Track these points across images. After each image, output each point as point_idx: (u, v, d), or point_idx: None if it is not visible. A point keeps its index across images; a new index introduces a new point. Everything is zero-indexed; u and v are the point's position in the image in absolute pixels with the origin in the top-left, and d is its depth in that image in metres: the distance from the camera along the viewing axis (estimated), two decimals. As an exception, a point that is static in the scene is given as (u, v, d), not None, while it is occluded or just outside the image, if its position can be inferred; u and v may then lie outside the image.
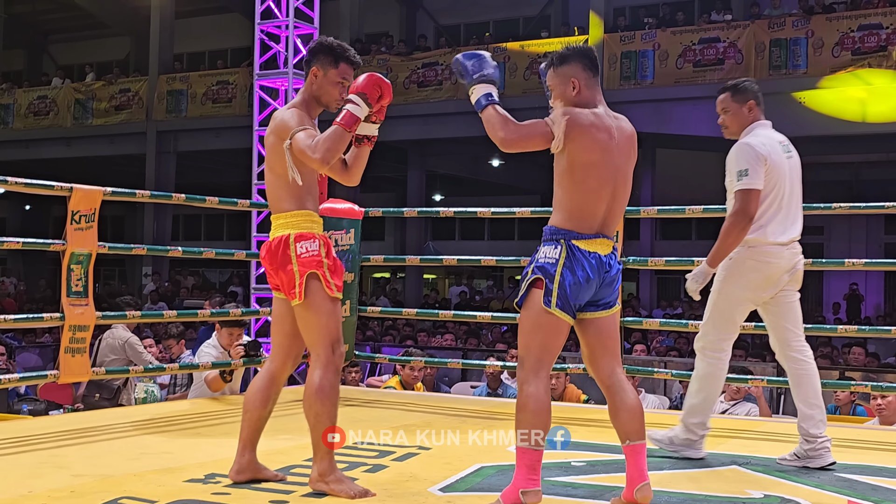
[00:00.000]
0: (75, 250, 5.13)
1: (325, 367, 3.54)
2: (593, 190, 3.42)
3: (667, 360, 9.30)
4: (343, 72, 3.71)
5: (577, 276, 3.37)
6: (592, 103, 3.49)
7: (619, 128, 3.51)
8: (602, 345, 3.50)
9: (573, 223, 3.43)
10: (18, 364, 9.51)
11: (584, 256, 3.39)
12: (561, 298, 3.37)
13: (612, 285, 3.50)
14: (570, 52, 3.55)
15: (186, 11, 22.70)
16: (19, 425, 5.19)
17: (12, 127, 21.43)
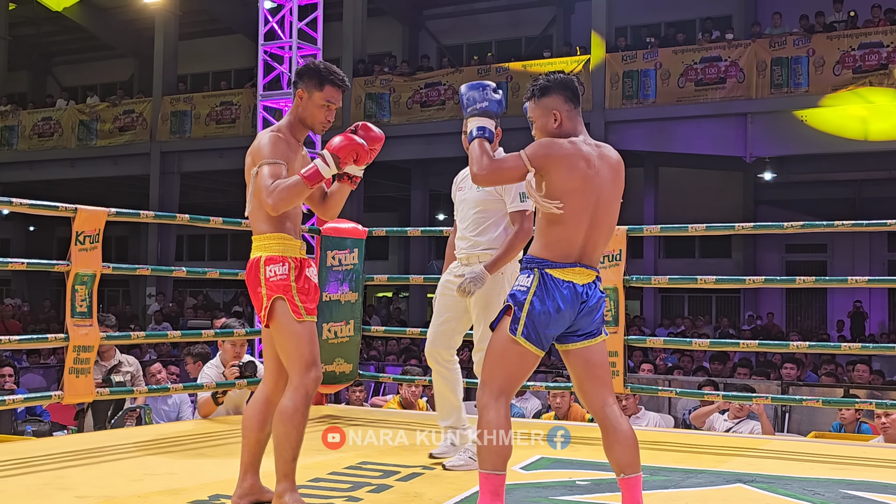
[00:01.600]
0: (80, 271, 5.14)
1: (295, 390, 3.51)
2: (569, 218, 3.37)
3: (670, 378, 9.28)
4: (328, 94, 3.66)
5: (546, 306, 3.33)
6: (574, 133, 3.48)
7: (601, 155, 3.49)
8: (590, 375, 3.44)
9: (548, 251, 3.39)
10: (23, 385, 9.50)
11: (556, 286, 3.35)
12: (528, 328, 3.33)
13: (592, 315, 3.43)
14: (550, 83, 3.53)
15: (190, 33, 22.80)
16: (23, 446, 5.18)
17: (17, 148, 21.49)
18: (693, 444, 5.44)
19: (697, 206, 18.87)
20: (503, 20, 21.94)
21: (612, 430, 3.39)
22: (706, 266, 19.21)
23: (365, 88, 17.88)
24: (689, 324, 17.14)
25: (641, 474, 3.42)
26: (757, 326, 17.44)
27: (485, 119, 3.51)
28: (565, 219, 3.37)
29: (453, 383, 4.73)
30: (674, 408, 8.42)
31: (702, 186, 20.03)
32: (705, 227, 5.90)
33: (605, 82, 15.89)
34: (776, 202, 19.70)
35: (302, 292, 3.57)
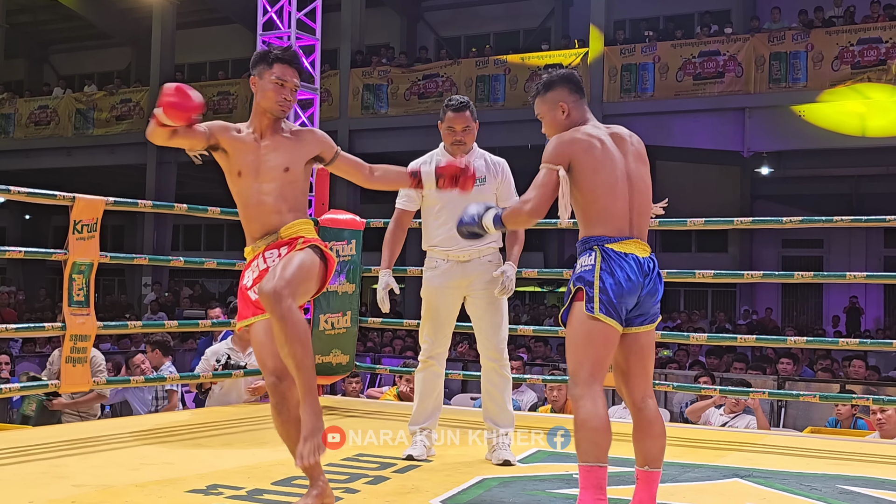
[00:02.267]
0: (77, 260, 5.12)
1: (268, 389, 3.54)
2: (606, 191, 3.36)
3: (667, 371, 9.29)
4: (278, 72, 3.56)
5: (617, 278, 3.28)
6: (583, 122, 3.51)
7: (612, 133, 3.49)
8: (640, 363, 3.41)
9: (601, 228, 3.36)
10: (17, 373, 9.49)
11: (620, 258, 3.31)
12: (604, 303, 3.26)
13: (654, 294, 3.39)
14: (555, 78, 3.57)
15: (188, 22, 22.73)
16: (20, 435, 5.17)
17: (13, 136, 21.45)
18: (690, 438, 5.44)
19: (695, 200, 18.82)
20: (501, 12, 21.89)
21: (648, 422, 3.40)
22: (703, 260, 19.23)
23: (363, 79, 17.86)
24: (685, 318, 17.15)
25: (661, 471, 3.43)
26: (753, 321, 17.46)
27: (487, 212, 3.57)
28: (603, 193, 3.35)
29: (442, 384, 4.75)
30: (670, 402, 8.43)
31: (699, 181, 20.02)
32: (703, 221, 5.90)
33: (604, 76, 15.88)
34: (773, 197, 19.71)
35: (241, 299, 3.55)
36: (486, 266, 4.56)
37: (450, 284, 4.58)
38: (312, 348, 3.34)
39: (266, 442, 4.83)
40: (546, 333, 10.09)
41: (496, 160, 4.67)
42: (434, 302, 4.61)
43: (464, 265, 4.58)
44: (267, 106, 3.56)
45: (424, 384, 4.66)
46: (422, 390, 4.67)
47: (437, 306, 4.60)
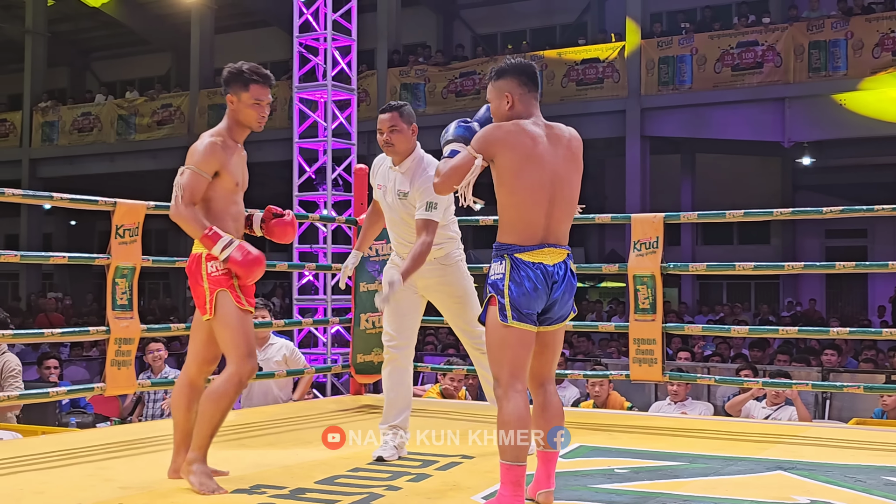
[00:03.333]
0: (120, 264, 5.19)
1: (230, 376, 3.74)
2: (526, 198, 3.47)
3: (710, 365, 9.23)
4: (255, 93, 3.87)
5: (524, 287, 3.45)
6: (526, 115, 3.57)
7: (551, 134, 3.56)
8: (542, 356, 3.60)
9: (514, 236, 3.50)
10: (66, 377, 9.63)
11: (528, 268, 3.46)
12: (514, 310, 3.44)
13: (565, 297, 3.55)
14: (507, 67, 3.63)
15: (226, 26, 22.91)
16: (67, 438, 5.26)
17: (57, 143, 21.74)
18: (732, 431, 5.42)
19: (735, 192, 18.74)
20: (537, 8, 21.84)
21: (543, 406, 3.58)
22: (745, 252, 19.09)
23: (400, 79, 17.90)
24: (728, 311, 17.03)
25: (559, 451, 3.60)
26: (797, 313, 17.30)
27: (457, 144, 3.70)
28: (521, 199, 3.48)
29: (410, 379, 4.75)
30: (713, 395, 8.38)
31: (739, 172, 19.87)
32: (743, 213, 5.85)
33: (641, 69, 15.80)
34: (815, 187, 19.51)
35: (243, 289, 3.82)
36: (438, 268, 4.65)
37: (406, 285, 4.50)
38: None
39: (308, 441, 4.87)
40: (587, 328, 10.08)
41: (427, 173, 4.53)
42: (395, 296, 4.49)
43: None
44: (248, 123, 3.92)
45: (391, 379, 4.65)
46: (388, 385, 4.66)
47: (398, 299, 4.56)
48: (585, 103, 16.23)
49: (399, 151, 4.58)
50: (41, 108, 22.02)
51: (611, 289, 21.84)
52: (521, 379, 3.46)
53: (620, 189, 16.53)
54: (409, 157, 4.61)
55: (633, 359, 5.80)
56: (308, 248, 10.03)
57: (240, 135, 3.95)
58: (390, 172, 4.65)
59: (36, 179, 21.59)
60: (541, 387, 3.61)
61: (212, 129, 3.94)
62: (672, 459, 4.48)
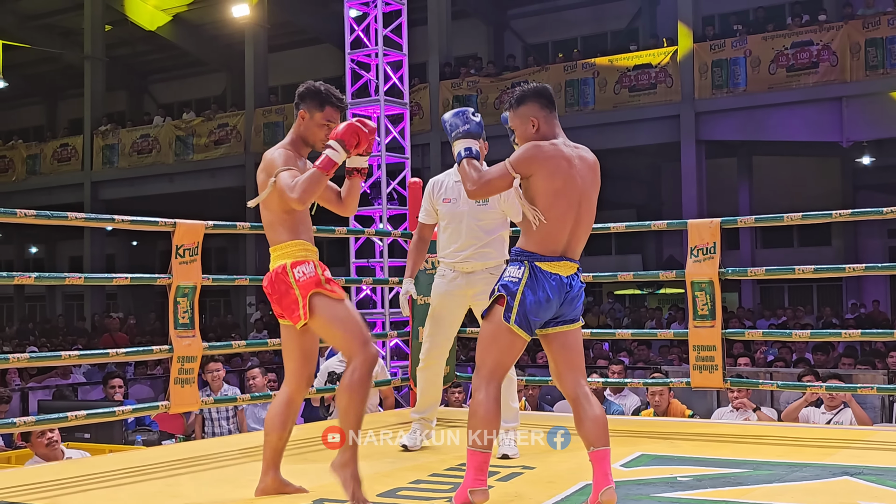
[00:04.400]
0: (180, 283, 5.28)
1: (361, 365, 3.74)
2: (557, 217, 3.64)
3: (772, 370, 9.12)
4: (328, 115, 3.96)
5: (537, 296, 3.60)
6: (552, 136, 3.72)
7: (580, 157, 3.74)
8: (566, 359, 3.71)
9: (537, 246, 3.66)
10: (131, 396, 9.78)
11: (545, 277, 3.62)
12: (520, 315, 3.60)
13: (574, 303, 3.71)
14: (526, 93, 3.79)
15: (279, 45, 23.17)
16: (134, 456, 5.35)
17: (118, 166, 22.10)
18: (796, 437, 5.36)
19: (794, 194, 18.51)
20: (588, 15, 21.79)
21: (582, 409, 3.64)
22: (805, 255, 18.82)
23: (452, 91, 17.96)
24: (791, 314, 16.80)
25: (610, 448, 3.62)
26: (861, 315, 17.01)
27: (469, 140, 3.80)
28: (552, 219, 3.63)
29: (441, 379, 5.26)
30: (776, 401, 8.28)
31: (798, 174, 19.62)
32: (801, 216, 5.78)
33: (694, 73, 15.68)
34: (876, 186, 19.19)
35: (329, 282, 3.84)
36: (488, 277, 4.86)
37: (454, 292, 5.01)
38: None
39: (370, 455, 4.90)
40: (646, 336, 10.02)
41: None
42: (438, 306, 5.08)
43: (468, 276, 4.96)
44: (313, 141, 3.98)
45: (426, 380, 5.18)
46: (423, 385, 5.20)
47: (441, 310, 5.07)
48: (639, 109, 16.14)
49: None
50: (101, 132, 22.42)
51: (670, 295, 21.65)
52: (498, 379, 3.67)
53: (677, 194, 16.41)
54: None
55: (694, 366, 5.76)
56: (365, 263, 10.08)
57: (303, 151, 4.01)
58: (458, 185, 4.89)
59: (98, 202, 21.98)
60: (574, 391, 3.67)
61: (278, 144, 3.99)
62: (735, 467, 4.44)
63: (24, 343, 17.82)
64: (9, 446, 7.07)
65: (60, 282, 5.34)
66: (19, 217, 4.85)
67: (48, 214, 5.01)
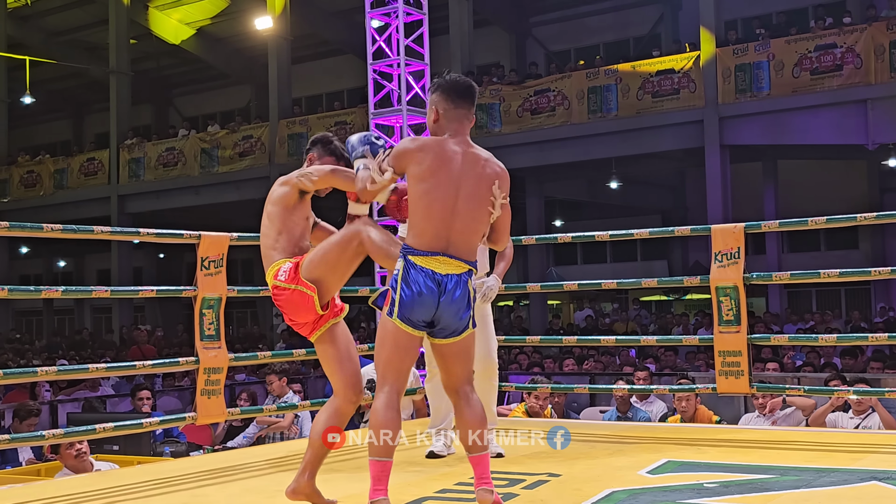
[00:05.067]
0: (206, 295, 5.31)
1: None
2: (426, 209, 3.62)
3: (800, 375, 9.07)
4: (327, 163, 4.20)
5: (412, 289, 3.58)
6: (452, 133, 3.70)
7: (468, 153, 3.69)
8: (451, 366, 3.70)
9: (414, 240, 3.64)
10: (159, 407, 9.84)
11: (416, 271, 3.59)
12: (401, 309, 3.59)
13: (456, 309, 3.61)
14: (440, 82, 3.78)
15: (302, 56, 23.29)
16: (162, 467, 5.38)
17: (144, 179, 22.25)
18: (824, 442, 5.33)
19: (820, 198, 18.37)
20: (610, 22, 21.79)
21: (460, 410, 3.69)
22: (833, 259, 18.70)
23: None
24: (819, 319, 16.69)
25: (488, 453, 3.68)
26: (890, 318, 16.87)
27: (365, 160, 3.81)
28: (423, 207, 3.61)
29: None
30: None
31: (824, 178, 19.51)
32: (826, 219, 5.76)
33: (717, 77, 15.62)
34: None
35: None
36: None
37: None
38: None
39: (395, 464, 4.90)
40: (673, 342, 9.98)
41: None
42: None
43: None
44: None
45: (435, 392, 5.22)
46: (433, 398, 5.30)
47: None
48: (662, 115, 16.10)
49: None
50: (127, 146, 22.59)
51: (696, 301, 21.57)
52: (389, 380, 3.62)
53: (702, 200, 16.35)
54: None
55: (720, 371, 5.73)
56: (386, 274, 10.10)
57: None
58: None
59: (125, 215, 22.13)
60: (454, 393, 3.70)
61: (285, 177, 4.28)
62: (762, 472, 4.42)
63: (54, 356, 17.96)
64: (39, 459, 7.13)
65: (88, 295, 5.39)
66: (46, 231, 4.90)
67: (74, 228, 5.07)
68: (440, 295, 3.58)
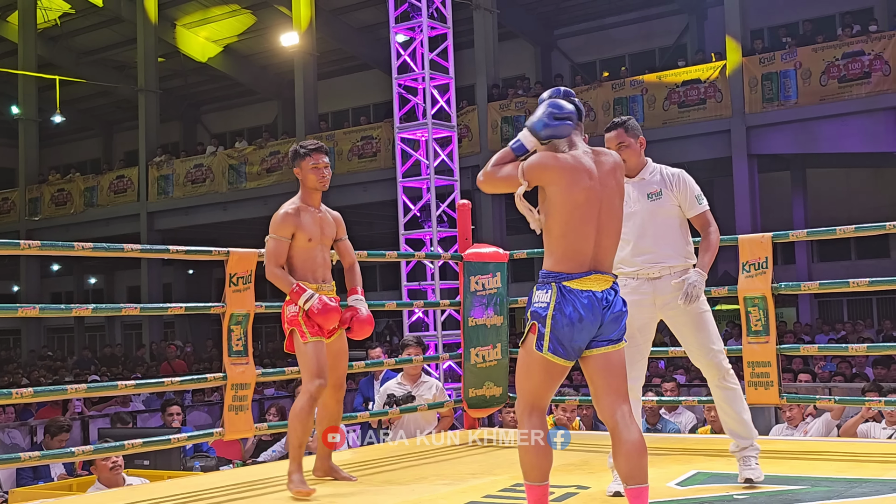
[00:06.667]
0: (234, 311, 5.34)
1: (303, 394, 4.65)
2: (576, 229, 3.47)
3: (831, 385, 8.99)
4: (312, 160, 4.83)
5: (568, 318, 3.41)
6: (573, 146, 3.58)
7: (600, 162, 3.57)
8: (605, 383, 3.51)
9: (562, 265, 3.47)
10: (189, 423, 9.89)
11: (575, 297, 3.43)
12: (553, 342, 3.43)
13: (618, 321, 3.51)
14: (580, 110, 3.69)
15: (328, 72, 23.41)
16: (192, 481, 5.41)
17: (172, 196, 22.42)
18: (855, 452, 5.28)
19: (850, 206, 18.25)
20: (635, 33, 21.76)
21: (619, 438, 3.48)
22: (863, 268, 18.54)
23: (500, 112, 17.99)
24: (850, 328, 16.54)
25: (648, 486, 3.48)
26: (923, 327, 16.70)
27: (527, 134, 3.58)
28: (570, 231, 3.48)
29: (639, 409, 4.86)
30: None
31: (853, 186, 19.37)
32: (854, 228, 5.71)
33: (744, 87, 15.56)
34: (936, 195, 18.90)
35: (308, 324, 4.66)
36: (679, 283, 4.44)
37: (642, 301, 4.46)
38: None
39: (425, 477, 4.92)
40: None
41: (672, 172, 4.64)
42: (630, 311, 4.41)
43: (654, 282, 4.49)
44: (313, 185, 4.86)
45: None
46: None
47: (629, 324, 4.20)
48: (689, 125, 16.05)
49: (631, 166, 4.54)
50: (156, 163, 22.77)
51: (726, 312, 21.42)
52: (539, 409, 3.54)
53: (730, 209, 16.27)
54: (643, 169, 4.62)
55: (749, 382, 5.69)
56: (416, 286, 10.12)
57: (312, 198, 4.87)
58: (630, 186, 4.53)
59: (154, 232, 22.30)
60: (612, 417, 3.50)
61: (290, 201, 4.84)
62: (793, 483, 4.39)
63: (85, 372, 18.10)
64: (70, 474, 7.18)
65: (118, 313, 5.43)
66: (77, 250, 4.95)
67: (104, 247, 5.12)
68: (603, 311, 3.47)
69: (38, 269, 24.91)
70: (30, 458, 4.87)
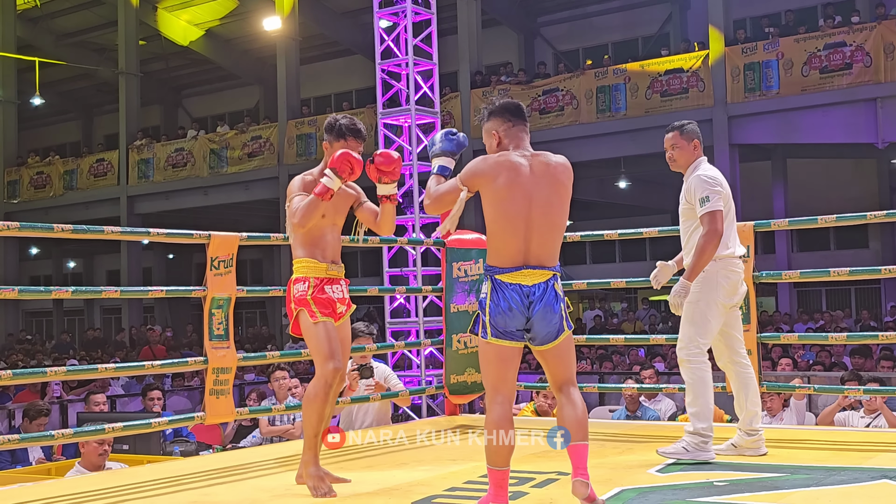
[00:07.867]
0: (215, 295, 5.32)
1: (316, 379, 4.31)
2: (505, 225, 3.71)
3: (810, 374, 9.05)
4: (348, 145, 4.38)
5: (500, 307, 3.68)
6: (514, 148, 3.82)
7: (536, 162, 3.79)
8: (550, 372, 3.81)
9: (494, 259, 3.74)
10: (169, 407, 9.86)
11: (504, 288, 3.69)
12: (493, 328, 3.69)
13: (547, 319, 3.70)
14: (492, 109, 3.92)
15: (311, 57, 23.30)
16: (172, 466, 5.39)
17: (153, 180, 22.30)
18: (834, 441, 5.31)
19: (830, 196, 18.35)
20: (618, 21, 21.76)
21: (562, 414, 3.76)
22: (842, 258, 18.66)
23: (483, 99, 17.95)
24: (829, 318, 16.65)
25: (588, 443, 3.73)
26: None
27: (444, 158, 3.99)
28: (499, 228, 3.72)
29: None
30: (814, 405, 8.20)
31: (833, 176, 19.47)
32: (835, 218, 5.74)
33: (726, 76, 15.60)
34: (914, 187, 19.03)
35: (318, 303, 4.34)
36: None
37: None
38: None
39: (405, 463, 4.92)
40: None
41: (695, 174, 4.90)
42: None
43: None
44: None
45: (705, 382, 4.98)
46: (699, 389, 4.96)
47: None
48: (671, 114, 16.04)
49: (680, 165, 4.98)
50: (136, 147, 22.64)
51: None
52: (501, 391, 3.72)
53: (711, 199, 16.32)
54: (688, 170, 4.94)
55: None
56: (398, 272, 10.11)
57: None
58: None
59: (134, 216, 22.19)
60: (559, 392, 3.81)
61: (307, 171, 4.49)
62: (772, 471, 4.41)
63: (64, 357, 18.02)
64: (48, 458, 7.15)
65: (97, 295, 5.40)
66: (57, 232, 4.91)
67: (84, 229, 5.08)
68: (530, 306, 3.69)
69: (16, 253, 24.72)
70: (8, 440, 4.84)
